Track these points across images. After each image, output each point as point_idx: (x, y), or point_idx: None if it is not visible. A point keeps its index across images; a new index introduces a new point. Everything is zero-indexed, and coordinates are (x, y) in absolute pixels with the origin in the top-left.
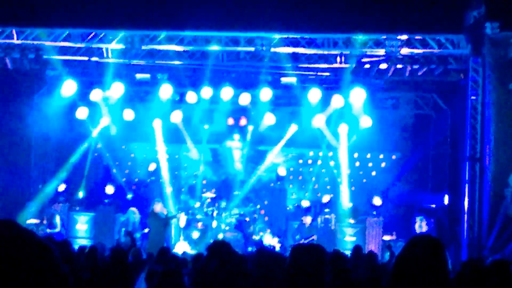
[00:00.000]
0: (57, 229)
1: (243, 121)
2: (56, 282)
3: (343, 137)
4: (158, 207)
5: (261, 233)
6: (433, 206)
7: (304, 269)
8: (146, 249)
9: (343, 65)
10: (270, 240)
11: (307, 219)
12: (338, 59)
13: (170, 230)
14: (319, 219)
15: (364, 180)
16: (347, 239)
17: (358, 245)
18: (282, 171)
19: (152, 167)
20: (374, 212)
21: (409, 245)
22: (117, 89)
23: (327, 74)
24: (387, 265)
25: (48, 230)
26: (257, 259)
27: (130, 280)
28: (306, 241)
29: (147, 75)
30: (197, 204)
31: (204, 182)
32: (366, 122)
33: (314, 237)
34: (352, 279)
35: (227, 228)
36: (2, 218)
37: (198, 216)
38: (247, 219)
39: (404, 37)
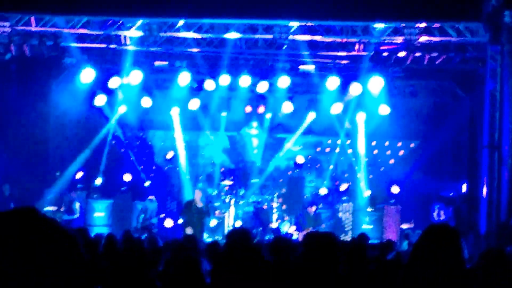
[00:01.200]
0: (76, 215)
1: (261, 109)
2: (78, 270)
3: (361, 125)
4: (198, 196)
5: (278, 221)
6: (452, 194)
7: (316, 257)
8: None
9: (361, 53)
10: (287, 228)
11: (311, 209)
12: (357, 47)
13: (208, 221)
14: (337, 207)
15: (382, 168)
16: (365, 227)
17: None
18: (300, 159)
19: (170, 154)
20: (392, 201)
21: (426, 233)
22: (135, 77)
23: (345, 62)
24: (405, 254)
25: (67, 217)
26: (273, 247)
27: (147, 269)
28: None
29: (165, 63)
30: (215, 192)
31: (222, 170)
32: (384, 110)
33: (323, 225)
34: (368, 268)
35: (245, 216)
36: (23, 206)
37: (216, 204)
38: (265, 207)
39: (423, 25)
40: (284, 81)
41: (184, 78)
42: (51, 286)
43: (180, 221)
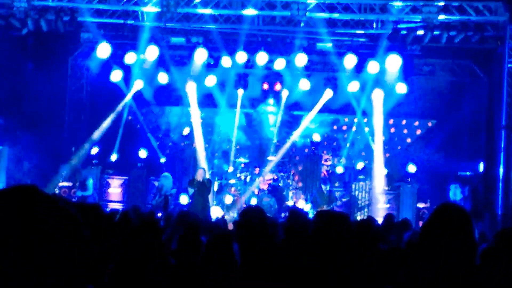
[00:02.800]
0: (89, 192)
1: (277, 86)
2: (78, 248)
3: (378, 104)
4: (199, 174)
5: (294, 199)
6: (468, 174)
7: (326, 235)
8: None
9: (379, 31)
10: (303, 206)
11: (326, 187)
12: (375, 25)
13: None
14: (353, 185)
15: (399, 147)
16: (381, 206)
17: (391, 214)
18: (316, 137)
19: (186, 131)
20: (409, 180)
21: (435, 213)
22: (151, 53)
23: (363, 40)
24: None
25: (80, 193)
26: (288, 223)
27: (161, 246)
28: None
29: (182, 39)
30: (231, 169)
31: (238, 147)
32: (401, 88)
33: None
34: (381, 248)
35: (260, 193)
36: (26, 184)
37: (231, 181)
38: (281, 184)
39: (441, 3)
40: (301, 59)
41: (201, 54)
42: (50, 263)
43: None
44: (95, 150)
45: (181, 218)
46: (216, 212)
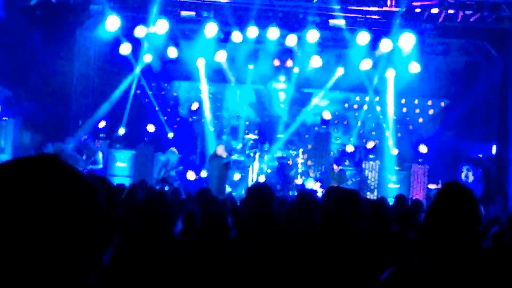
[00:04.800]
0: (100, 166)
1: (289, 63)
2: (97, 220)
3: (390, 82)
4: (220, 150)
5: (303, 177)
6: (481, 155)
7: (336, 212)
8: None
9: (393, 9)
10: (312, 184)
11: (336, 167)
12: (389, 2)
13: (231, 174)
14: (363, 165)
15: (411, 127)
16: (391, 186)
17: (402, 194)
18: (327, 115)
19: (194, 106)
20: (420, 160)
21: (441, 193)
22: (161, 26)
23: (377, 17)
24: None
25: (90, 166)
26: (297, 202)
27: (168, 220)
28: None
29: (192, 13)
30: (239, 146)
31: (247, 123)
32: (414, 67)
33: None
34: (391, 229)
35: (269, 170)
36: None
37: (240, 158)
38: (290, 162)
39: None
40: (313, 35)
41: (211, 29)
42: (68, 234)
43: (203, 174)
44: (102, 124)
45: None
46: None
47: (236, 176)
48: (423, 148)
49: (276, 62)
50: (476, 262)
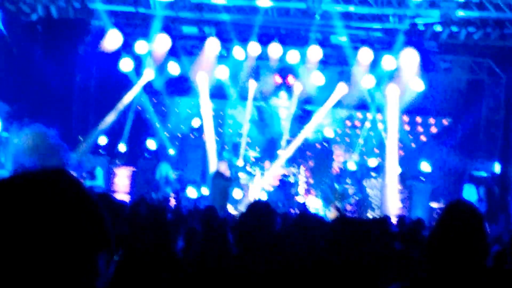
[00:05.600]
0: (99, 182)
1: (290, 80)
2: (100, 238)
3: (393, 100)
4: (223, 167)
5: (304, 195)
6: (484, 174)
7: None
8: None
9: (396, 26)
10: (313, 202)
11: (337, 185)
12: (392, 19)
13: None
14: (365, 183)
15: (413, 145)
16: (393, 205)
17: (403, 215)
18: (329, 133)
19: (196, 122)
20: (422, 178)
21: (446, 211)
22: (163, 42)
23: (380, 34)
24: None
25: (89, 182)
26: (298, 223)
27: (169, 237)
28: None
29: (194, 29)
30: (240, 163)
31: (249, 140)
32: (417, 85)
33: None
34: (395, 248)
35: (270, 188)
36: (54, 167)
37: (241, 175)
38: (291, 179)
39: None
40: (315, 52)
41: (213, 45)
42: (72, 249)
43: (204, 190)
44: (103, 140)
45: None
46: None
47: (237, 193)
48: (425, 166)
49: (278, 79)
50: (481, 280)
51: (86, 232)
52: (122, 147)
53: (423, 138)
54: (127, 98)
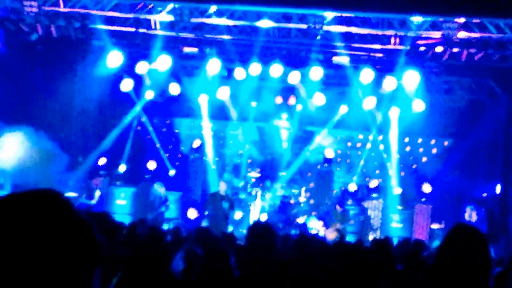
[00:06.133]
0: (94, 202)
1: (291, 100)
2: (92, 258)
3: (394, 121)
4: (222, 188)
5: (305, 216)
6: (485, 195)
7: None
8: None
9: (397, 47)
10: (314, 223)
11: (339, 207)
12: (393, 40)
13: (234, 213)
14: (366, 204)
15: (414, 166)
16: (394, 226)
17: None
18: (329, 153)
19: (196, 143)
20: (423, 199)
21: (450, 233)
22: (163, 62)
23: (381, 55)
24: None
25: (84, 200)
26: (298, 244)
27: (167, 259)
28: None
29: (195, 49)
30: (241, 184)
31: (249, 161)
32: (418, 106)
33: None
34: (396, 269)
35: (271, 209)
36: (45, 188)
37: (242, 196)
38: (292, 201)
39: (462, 20)
40: (316, 73)
41: (214, 65)
42: (63, 271)
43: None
44: (103, 161)
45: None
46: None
47: (238, 215)
48: (426, 188)
49: (279, 100)
50: None
51: (73, 251)
52: (122, 168)
53: (424, 159)
54: (127, 119)
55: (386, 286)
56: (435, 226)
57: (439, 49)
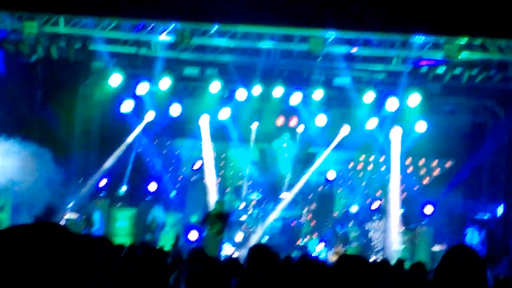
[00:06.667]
0: (97, 227)
1: (293, 121)
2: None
3: (396, 142)
4: (220, 208)
5: (307, 238)
6: (487, 217)
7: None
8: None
9: (399, 68)
10: (316, 245)
11: (340, 228)
12: (394, 61)
13: (234, 233)
14: (368, 226)
15: (416, 187)
16: (396, 248)
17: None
18: (331, 175)
19: (197, 165)
20: (425, 221)
21: (447, 255)
22: (164, 83)
23: (382, 76)
24: None
25: (84, 227)
26: (300, 267)
27: (165, 281)
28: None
29: (196, 70)
30: (242, 205)
31: (250, 182)
32: (420, 127)
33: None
34: None
35: (272, 231)
36: (41, 221)
37: (243, 218)
38: (293, 222)
39: (464, 41)
40: (318, 94)
41: (215, 86)
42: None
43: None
44: (103, 182)
45: (194, 257)
46: (226, 250)
47: (239, 236)
48: (428, 209)
49: (281, 121)
50: None
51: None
52: (122, 190)
53: (426, 180)
54: (128, 140)
55: None
56: (437, 247)
57: (441, 70)
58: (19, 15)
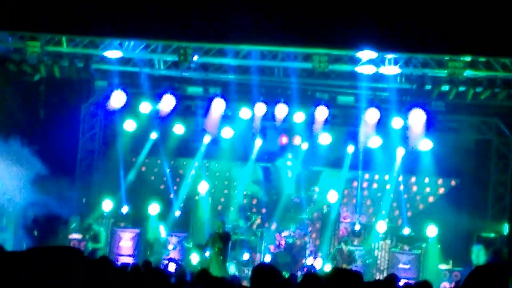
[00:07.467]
0: (101, 245)
1: (297, 140)
2: None
3: (400, 160)
4: (223, 228)
5: (311, 257)
6: (492, 235)
7: None
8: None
9: (403, 86)
10: (320, 264)
11: (345, 247)
12: (398, 79)
13: (240, 253)
14: (373, 245)
15: (421, 206)
16: (401, 267)
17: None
18: (333, 196)
19: (201, 185)
20: (431, 240)
21: (474, 275)
22: (167, 102)
23: (386, 94)
24: None
25: (92, 245)
26: (304, 286)
27: None
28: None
29: (199, 89)
30: (246, 225)
31: (254, 201)
32: (425, 145)
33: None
34: None
35: (276, 250)
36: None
37: (247, 237)
38: (298, 242)
39: (468, 59)
40: (322, 112)
41: (218, 105)
42: None
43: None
44: (107, 202)
45: (198, 277)
46: (230, 269)
47: (244, 256)
48: (433, 228)
49: (284, 139)
50: None
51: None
52: (125, 209)
53: (431, 198)
54: (132, 159)
55: None
56: (442, 266)
57: (445, 88)
58: (21, 35)
